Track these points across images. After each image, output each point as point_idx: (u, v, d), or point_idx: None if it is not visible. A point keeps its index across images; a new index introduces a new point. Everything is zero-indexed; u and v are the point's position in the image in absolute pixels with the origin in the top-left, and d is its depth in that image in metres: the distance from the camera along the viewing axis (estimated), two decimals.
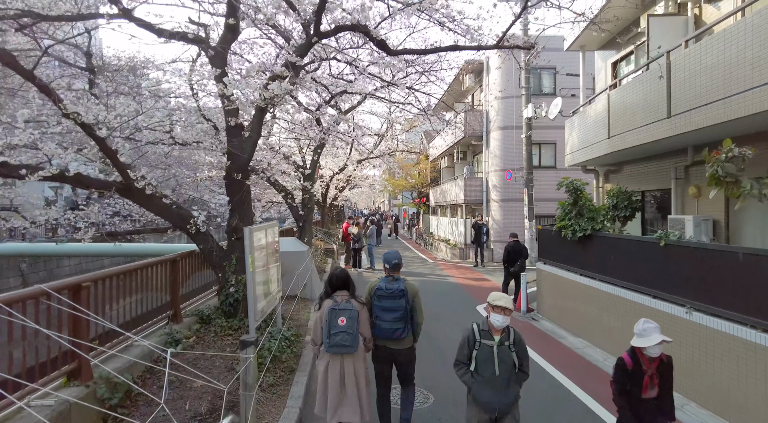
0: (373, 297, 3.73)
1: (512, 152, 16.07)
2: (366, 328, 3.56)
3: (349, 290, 3.59)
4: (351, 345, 3.33)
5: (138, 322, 4.84)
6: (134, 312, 4.82)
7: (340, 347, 3.32)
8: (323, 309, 3.47)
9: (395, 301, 3.65)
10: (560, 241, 7.86)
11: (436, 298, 10.11)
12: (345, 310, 3.39)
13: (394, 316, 3.64)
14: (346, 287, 3.59)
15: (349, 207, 50.20)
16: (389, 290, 3.66)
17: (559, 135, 16.35)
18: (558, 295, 8.07)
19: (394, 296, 3.66)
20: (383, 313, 3.66)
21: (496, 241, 16.44)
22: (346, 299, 3.48)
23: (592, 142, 8.39)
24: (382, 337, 3.68)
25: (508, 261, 9.68)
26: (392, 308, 3.65)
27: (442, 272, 14.03)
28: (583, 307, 7.05)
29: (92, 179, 5.36)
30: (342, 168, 18.50)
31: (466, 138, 17.53)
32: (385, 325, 3.64)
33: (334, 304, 3.43)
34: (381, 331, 3.66)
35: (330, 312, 3.39)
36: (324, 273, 12.86)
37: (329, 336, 3.33)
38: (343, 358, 3.42)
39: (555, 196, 17.04)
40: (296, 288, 8.40)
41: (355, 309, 3.43)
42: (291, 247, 9.16)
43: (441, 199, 22.72)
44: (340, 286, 3.58)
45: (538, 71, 16.18)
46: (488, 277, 13.18)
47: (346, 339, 3.31)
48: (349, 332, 3.32)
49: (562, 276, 7.88)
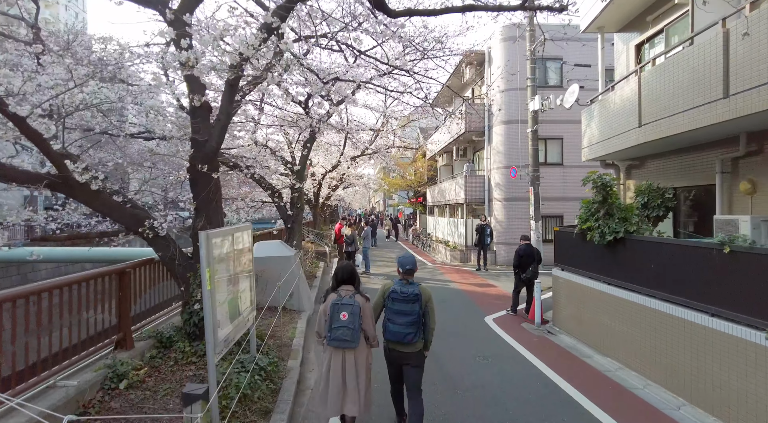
0: (386, 299, 3.73)
1: (516, 148, 15.09)
2: (369, 324, 3.51)
3: (354, 285, 3.60)
4: (351, 340, 3.35)
5: (66, 355, 3.75)
6: (63, 341, 3.74)
7: (340, 341, 3.36)
8: (327, 302, 3.51)
9: (409, 304, 3.64)
10: (583, 244, 6.87)
11: (438, 309, 9.09)
12: (348, 305, 3.41)
13: (407, 320, 3.62)
14: (351, 282, 3.60)
15: (344, 207, 49.14)
16: (404, 294, 3.64)
17: (567, 130, 15.42)
18: (579, 307, 7.08)
19: (408, 300, 3.64)
20: (396, 316, 3.66)
21: (499, 243, 15.45)
22: (350, 294, 3.50)
23: (617, 133, 7.40)
24: (393, 340, 3.69)
25: (519, 266, 8.67)
26: (405, 312, 3.63)
27: (443, 277, 13.01)
28: (612, 321, 6.05)
29: (15, 171, 4.27)
30: (335, 165, 17.45)
31: (467, 133, 16.53)
32: (396, 328, 3.64)
33: (338, 299, 3.46)
34: (392, 334, 3.66)
35: (332, 306, 3.43)
36: (315, 278, 11.79)
37: (330, 330, 3.38)
38: (345, 352, 3.44)
39: (562, 194, 16.20)
40: (280, 298, 7.35)
41: (358, 304, 3.43)
42: (274, 252, 8.10)
43: (439, 198, 21.71)
44: (345, 280, 3.60)
45: (543, 62, 15.21)
46: (493, 282, 12.17)
47: (347, 334, 3.34)
48: (350, 327, 3.34)
49: (584, 285, 6.88)
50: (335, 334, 3.35)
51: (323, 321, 3.51)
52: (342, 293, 3.49)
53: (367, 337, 3.51)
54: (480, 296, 10.33)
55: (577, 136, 15.55)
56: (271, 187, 11.35)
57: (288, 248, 8.43)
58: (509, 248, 15.16)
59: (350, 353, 3.43)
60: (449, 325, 7.78)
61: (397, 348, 3.71)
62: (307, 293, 8.79)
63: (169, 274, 5.74)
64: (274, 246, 8.27)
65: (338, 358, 3.44)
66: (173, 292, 6.10)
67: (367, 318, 3.48)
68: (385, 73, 10.45)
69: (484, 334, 7.46)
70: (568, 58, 14.52)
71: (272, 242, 8.44)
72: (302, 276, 8.78)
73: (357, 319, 3.37)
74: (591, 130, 8.63)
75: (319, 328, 3.58)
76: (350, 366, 3.42)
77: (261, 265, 7.89)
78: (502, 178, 15.44)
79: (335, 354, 3.44)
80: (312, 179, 18.88)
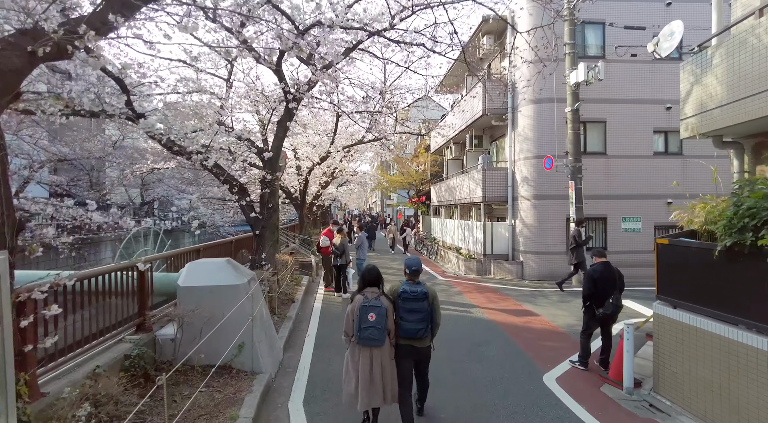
0: (397, 299, 3.91)
1: (549, 133, 12.13)
2: (392, 323, 3.83)
3: (379, 287, 3.93)
4: (379, 339, 3.68)
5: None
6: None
7: (369, 341, 3.68)
8: (355, 304, 3.81)
9: (419, 302, 3.86)
10: (728, 270, 3.93)
11: (471, 359, 6.09)
12: (375, 306, 3.71)
13: (418, 317, 3.84)
14: (377, 284, 3.93)
15: (339, 207, 46.06)
16: (414, 293, 3.87)
17: (611, 111, 12.44)
18: (714, 370, 4.12)
19: (418, 299, 3.86)
20: (408, 314, 3.85)
21: (528, 251, 12.47)
22: (376, 296, 3.81)
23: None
24: (407, 337, 3.88)
25: (593, 296, 5.71)
26: (416, 310, 3.85)
27: (463, 299, 10.00)
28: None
29: None
30: (323, 157, 14.47)
31: (485, 117, 13.54)
32: (409, 325, 3.84)
33: (365, 301, 3.76)
34: (405, 331, 3.86)
35: (361, 308, 3.72)
36: (293, 304, 8.78)
37: (360, 330, 3.69)
38: (372, 350, 3.75)
39: (605, 191, 12.34)
40: (220, 349, 4.47)
41: (384, 306, 3.73)
42: (213, 279, 5.12)
43: (447, 197, 18.71)
44: (371, 282, 3.92)
45: (582, 27, 12.25)
46: (529, 306, 9.19)
47: (375, 334, 3.66)
48: (378, 327, 3.67)
49: (727, 337, 3.93)
50: (364, 334, 3.66)
51: (351, 321, 3.80)
52: (368, 295, 3.81)
53: (390, 335, 3.79)
54: (523, 334, 7.34)
55: (625, 117, 12.53)
56: (231, 179, 8.35)
57: (237, 271, 5.40)
58: (540, 259, 12.20)
59: (377, 351, 3.76)
60: (496, 397, 4.81)
61: (411, 343, 3.91)
62: (270, 340, 5.77)
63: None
64: (215, 268, 5.25)
65: (366, 356, 3.75)
66: None
67: (390, 318, 3.80)
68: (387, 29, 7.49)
69: (554, 415, 4.50)
70: (615, 19, 11.58)
71: (214, 262, 5.41)
72: (263, 313, 5.77)
73: (384, 320, 3.69)
74: (704, 91, 5.65)
75: (347, 328, 3.86)
76: (377, 363, 3.75)
77: (190, 299, 4.93)
78: (531, 170, 12.46)
79: (363, 352, 3.75)
80: (298, 175, 15.88)
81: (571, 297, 10.01)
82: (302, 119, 14.11)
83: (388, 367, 3.80)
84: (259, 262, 8.68)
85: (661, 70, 12.32)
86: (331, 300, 9.69)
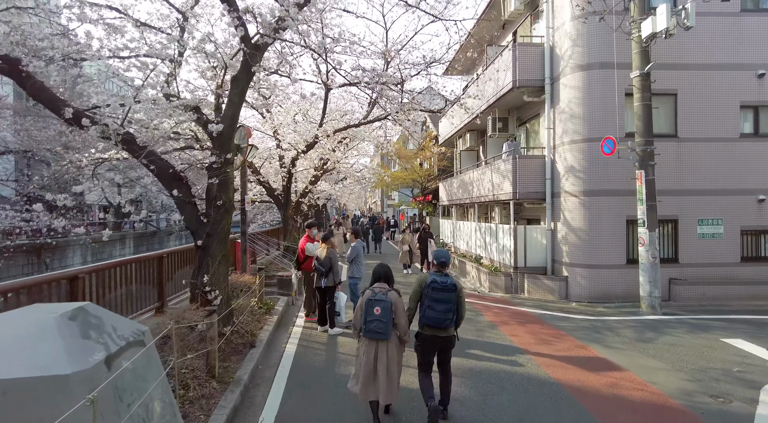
0: (425, 288, 3.97)
1: (605, 109, 9.25)
2: (401, 318, 3.89)
3: (388, 283, 4.06)
4: (384, 332, 3.78)
5: None
6: None
7: (374, 333, 3.81)
8: (363, 298, 3.94)
9: (447, 293, 3.90)
10: None
11: None
12: (380, 300, 3.83)
13: (446, 307, 3.89)
14: (386, 280, 4.06)
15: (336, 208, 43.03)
16: (443, 283, 3.91)
17: (685, 79, 9.44)
18: None
19: (447, 289, 3.90)
20: (435, 303, 3.91)
21: (574, 264, 9.56)
22: (383, 291, 3.93)
23: None
24: (432, 326, 3.94)
25: None
26: (444, 300, 3.89)
27: (501, 336, 7.06)
28: None
29: None
30: (310, 144, 11.62)
31: (515, 91, 10.62)
32: (435, 314, 3.89)
33: (372, 295, 3.89)
34: (431, 319, 3.91)
35: (367, 302, 3.86)
36: (252, 349, 5.84)
37: (365, 322, 3.83)
38: (378, 342, 3.87)
39: (676, 184, 8.90)
40: None
41: (389, 300, 3.83)
42: (8, 364, 2.19)
43: (461, 194, 15.81)
44: (380, 278, 4.06)
45: None
46: (603, 352, 6.26)
47: (380, 326, 3.77)
48: (383, 321, 3.78)
49: None
50: (369, 327, 3.81)
51: (359, 315, 3.92)
52: (376, 290, 3.94)
53: (398, 330, 3.90)
54: (619, 414, 4.44)
55: (703, 87, 9.16)
56: (160, 160, 5.48)
57: (89, 336, 2.50)
58: (591, 274, 9.31)
59: (383, 344, 3.86)
60: None
61: (435, 333, 3.98)
62: None
63: None
64: (26, 335, 2.35)
65: (371, 348, 3.87)
66: None
67: (399, 312, 3.88)
68: None
69: None
70: None
71: (30, 319, 2.52)
72: (156, 410, 2.86)
73: (389, 313, 3.80)
74: None
75: (356, 322, 3.98)
76: (382, 356, 3.84)
77: None
78: (580, 158, 9.55)
79: (369, 344, 3.89)
80: (281, 167, 12.99)
81: (653, 332, 7.11)
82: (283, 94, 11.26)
83: (394, 358, 3.89)
84: (200, 288, 5.81)
85: (750, 26, 9.45)
86: (311, 337, 6.80)
